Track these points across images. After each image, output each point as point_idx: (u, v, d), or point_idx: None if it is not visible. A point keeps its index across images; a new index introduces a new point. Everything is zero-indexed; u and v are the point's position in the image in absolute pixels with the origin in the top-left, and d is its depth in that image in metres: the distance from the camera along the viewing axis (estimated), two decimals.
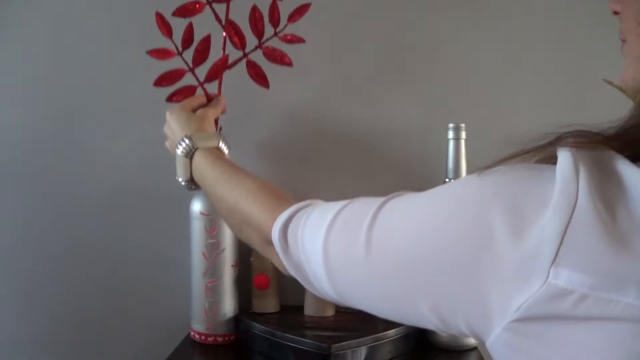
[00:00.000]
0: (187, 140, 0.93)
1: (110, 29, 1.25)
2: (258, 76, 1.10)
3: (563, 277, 0.41)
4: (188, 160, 0.94)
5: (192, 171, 0.94)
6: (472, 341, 1.11)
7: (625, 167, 0.43)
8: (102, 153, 1.26)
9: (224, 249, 1.13)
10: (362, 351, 1.03)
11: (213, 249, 1.12)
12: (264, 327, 1.10)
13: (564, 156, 0.45)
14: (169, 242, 1.25)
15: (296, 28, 1.08)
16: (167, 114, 1.01)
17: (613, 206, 0.41)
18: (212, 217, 1.11)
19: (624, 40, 0.53)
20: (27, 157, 1.27)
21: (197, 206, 1.13)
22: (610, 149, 0.45)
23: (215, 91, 1.09)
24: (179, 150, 0.94)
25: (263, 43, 1.09)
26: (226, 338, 1.14)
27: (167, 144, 1.03)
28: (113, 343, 1.27)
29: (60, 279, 1.28)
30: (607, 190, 0.42)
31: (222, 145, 0.97)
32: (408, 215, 0.54)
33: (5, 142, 1.27)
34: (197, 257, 1.13)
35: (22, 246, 1.27)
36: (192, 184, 0.95)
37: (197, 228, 1.13)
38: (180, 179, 0.96)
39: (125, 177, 1.26)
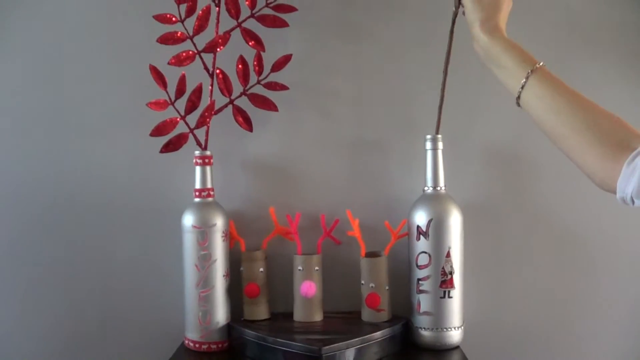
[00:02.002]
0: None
1: (99, 34, 1.28)
2: (244, 121, 1.22)
3: None
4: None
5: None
6: (454, 340, 1.16)
7: None
8: (96, 166, 1.29)
9: (215, 260, 1.17)
10: (351, 352, 1.07)
11: (205, 260, 1.16)
12: (256, 333, 1.13)
13: None
14: (162, 254, 1.29)
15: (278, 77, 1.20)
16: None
17: None
18: (203, 230, 1.15)
19: None
20: (21, 169, 1.29)
21: (188, 219, 1.17)
22: None
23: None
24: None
25: (248, 90, 1.20)
26: (219, 345, 1.18)
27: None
28: (109, 353, 1.30)
29: (56, 290, 1.30)
30: None
31: None
32: None
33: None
34: (190, 269, 1.17)
35: (18, 257, 1.30)
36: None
37: (189, 241, 1.17)
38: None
39: (118, 191, 1.29)
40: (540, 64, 0.91)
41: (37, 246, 1.30)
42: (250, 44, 1.19)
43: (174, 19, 1.16)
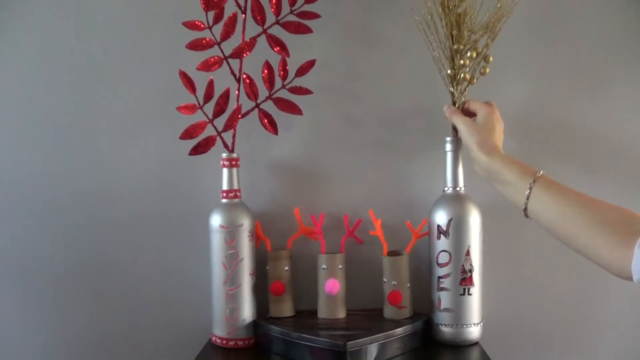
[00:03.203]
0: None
1: (130, 40, 1.31)
2: (270, 124, 1.25)
3: None
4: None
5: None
6: (474, 336, 1.18)
7: None
8: (126, 168, 1.32)
9: (242, 259, 1.20)
10: (374, 348, 1.10)
11: (232, 259, 1.19)
12: (282, 329, 1.16)
13: None
14: (189, 254, 1.31)
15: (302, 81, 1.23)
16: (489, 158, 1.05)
17: None
18: (231, 230, 1.19)
19: None
20: (49, 174, 1.32)
21: (216, 220, 1.20)
22: None
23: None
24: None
25: (273, 94, 1.24)
26: (246, 342, 1.20)
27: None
28: (139, 350, 1.33)
29: (86, 291, 1.33)
30: None
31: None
32: None
33: (27, 160, 1.32)
34: (218, 267, 1.20)
35: (47, 260, 1.33)
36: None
37: (217, 240, 1.20)
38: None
39: (147, 193, 1.32)
40: (541, 173, 0.97)
41: (66, 248, 1.33)
42: (275, 49, 1.22)
43: (202, 25, 1.19)
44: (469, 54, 1.16)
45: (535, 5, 1.27)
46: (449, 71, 1.18)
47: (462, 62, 1.16)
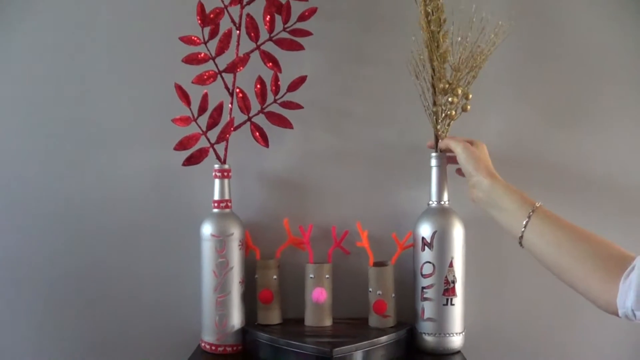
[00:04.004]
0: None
1: (128, 53, 1.35)
2: (261, 137, 1.28)
3: None
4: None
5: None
6: (456, 345, 1.21)
7: None
8: (120, 178, 1.34)
9: (232, 267, 1.23)
10: (359, 355, 1.13)
11: (223, 267, 1.22)
12: (269, 336, 1.19)
13: None
14: (180, 261, 1.34)
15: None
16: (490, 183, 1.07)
17: None
18: (221, 239, 1.22)
19: None
20: (46, 182, 1.35)
21: (207, 229, 1.23)
22: None
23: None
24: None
25: (265, 108, 1.28)
26: (234, 348, 1.23)
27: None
28: (130, 355, 1.35)
29: (77, 296, 1.35)
30: None
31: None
32: None
33: (24, 169, 1.35)
34: (208, 275, 1.22)
35: (41, 266, 1.35)
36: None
37: (208, 249, 1.23)
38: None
39: (141, 202, 1.35)
40: (539, 204, 0.99)
41: (61, 255, 1.35)
42: (268, 65, 1.26)
43: (198, 40, 1.23)
44: (450, 99, 1.21)
45: (514, 47, 1.32)
46: (433, 108, 1.24)
47: (450, 99, 1.21)
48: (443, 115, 1.22)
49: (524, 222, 0.98)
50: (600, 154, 1.35)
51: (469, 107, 1.22)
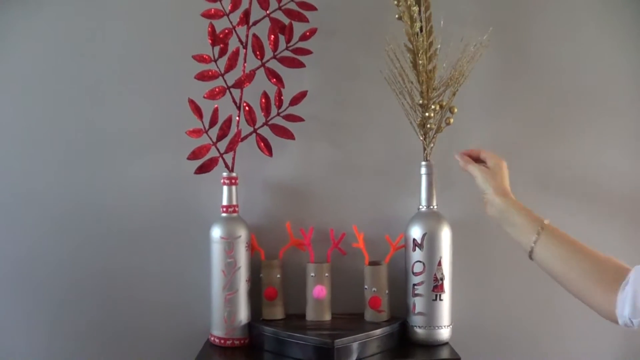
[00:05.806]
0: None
1: (146, 69, 1.42)
2: (265, 147, 1.37)
3: None
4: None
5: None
6: (444, 337, 1.30)
7: None
8: (135, 185, 1.41)
9: (239, 267, 1.31)
10: (356, 346, 1.22)
11: (231, 267, 1.30)
12: (274, 330, 1.27)
13: None
14: (191, 263, 1.41)
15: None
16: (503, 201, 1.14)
17: None
18: (230, 241, 1.30)
19: None
20: (63, 188, 1.40)
21: (217, 232, 1.31)
22: None
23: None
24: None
25: (269, 120, 1.36)
26: (242, 341, 1.31)
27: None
28: (145, 349, 1.42)
29: (93, 295, 1.41)
30: None
31: None
32: None
33: (41, 174, 1.41)
34: (217, 275, 1.31)
35: (57, 266, 1.41)
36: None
37: (217, 250, 1.31)
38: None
39: (153, 207, 1.41)
40: (547, 221, 1.08)
41: (77, 256, 1.42)
42: (272, 81, 1.35)
43: (209, 58, 1.31)
44: (433, 107, 1.31)
45: (495, 62, 1.42)
46: (418, 121, 1.33)
47: (427, 114, 1.31)
48: (427, 127, 1.32)
49: (533, 239, 1.06)
50: (581, 160, 1.46)
51: (451, 120, 1.32)
